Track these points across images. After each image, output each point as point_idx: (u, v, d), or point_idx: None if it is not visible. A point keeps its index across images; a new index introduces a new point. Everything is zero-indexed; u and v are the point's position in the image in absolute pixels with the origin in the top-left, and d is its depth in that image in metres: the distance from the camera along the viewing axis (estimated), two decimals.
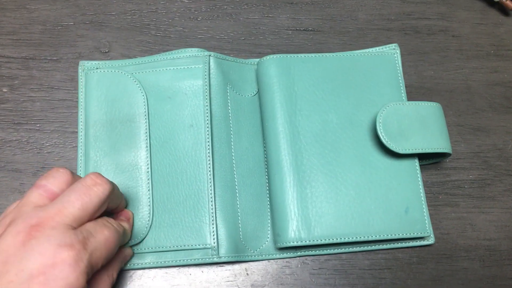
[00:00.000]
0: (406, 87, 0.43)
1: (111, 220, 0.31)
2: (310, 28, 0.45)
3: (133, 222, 0.36)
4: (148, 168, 0.37)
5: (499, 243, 0.39)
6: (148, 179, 0.37)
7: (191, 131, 0.38)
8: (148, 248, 0.35)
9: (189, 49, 0.40)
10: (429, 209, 0.39)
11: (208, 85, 0.38)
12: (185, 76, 0.39)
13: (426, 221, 0.37)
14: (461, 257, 0.38)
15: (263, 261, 0.37)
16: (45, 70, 0.41)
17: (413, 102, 0.38)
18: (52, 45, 0.42)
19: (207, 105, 0.38)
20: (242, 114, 0.40)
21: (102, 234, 0.28)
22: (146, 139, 0.37)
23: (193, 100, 0.38)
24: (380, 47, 0.42)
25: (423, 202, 0.37)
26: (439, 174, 0.41)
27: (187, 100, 0.38)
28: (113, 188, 0.30)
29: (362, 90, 0.39)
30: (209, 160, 0.37)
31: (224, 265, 0.37)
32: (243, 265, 0.37)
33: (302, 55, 0.40)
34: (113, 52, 0.42)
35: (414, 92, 0.43)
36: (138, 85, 0.38)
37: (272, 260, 0.37)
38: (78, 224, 0.27)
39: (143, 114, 0.38)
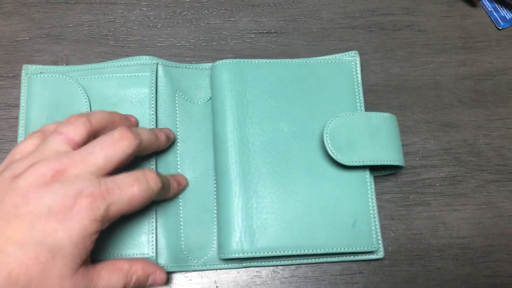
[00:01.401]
0: (372, 85, 0.42)
1: (150, 174, 0.30)
2: (273, 30, 0.44)
3: (184, 187, 0.37)
4: None
5: (473, 241, 0.38)
6: None
7: None
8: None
9: (137, 57, 0.39)
10: (400, 210, 0.39)
11: (154, 93, 0.38)
12: (131, 84, 0.38)
13: (374, 235, 0.36)
14: (435, 257, 0.38)
15: (233, 273, 0.36)
16: (2, 88, 0.40)
17: (365, 113, 0.37)
18: (8, 61, 0.41)
19: (152, 114, 0.37)
20: (192, 121, 0.39)
21: (130, 189, 0.28)
22: None
23: (139, 108, 0.38)
24: (340, 54, 0.41)
25: (371, 215, 0.36)
26: (409, 173, 0.40)
27: (132, 108, 0.38)
28: (141, 143, 0.30)
29: (317, 98, 0.38)
30: (152, 166, 0.36)
31: (192, 278, 0.36)
32: (212, 278, 0.36)
33: (256, 60, 0.38)
34: (71, 65, 0.41)
35: (381, 91, 0.42)
36: (82, 92, 0.38)
37: (241, 271, 0.37)
38: (102, 174, 0.28)
39: None
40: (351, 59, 0.40)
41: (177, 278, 0.36)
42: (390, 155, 0.36)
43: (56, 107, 0.37)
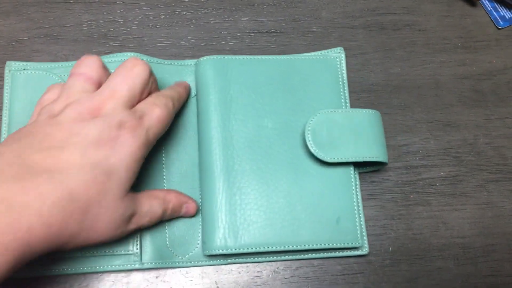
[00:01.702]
0: (372, 85, 0.42)
1: (159, 97, 0.32)
2: (273, 30, 0.44)
3: (190, 90, 0.38)
4: None
5: (473, 240, 0.38)
6: None
7: None
8: (65, 254, 0.34)
9: (122, 53, 0.39)
10: (400, 210, 0.39)
11: None
12: None
13: (358, 231, 0.36)
14: (435, 256, 0.38)
15: (233, 273, 0.36)
16: (2, 89, 0.40)
17: (347, 110, 0.37)
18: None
19: None
20: (177, 117, 0.39)
21: (154, 113, 0.31)
22: None
23: None
24: (325, 51, 0.41)
25: (356, 211, 0.36)
26: (410, 173, 0.40)
27: None
28: (151, 69, 0.32)
29: (301, 95, 0.38)
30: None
31: (193, 279, 0.36)
32: (213, 278, 0.36)
33: (241, 57, 0.38)
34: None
35: (381, 90, 0.42)
36: None
37: (242, 271, 0.36)
38: (131, 105, 0.30)
39: None
40: (336, 56, 0.40)
41: (178, 279, 0.36)
42: (373, 152, 0.36)
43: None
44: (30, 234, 0.24)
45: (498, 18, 0.45)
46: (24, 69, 0.39)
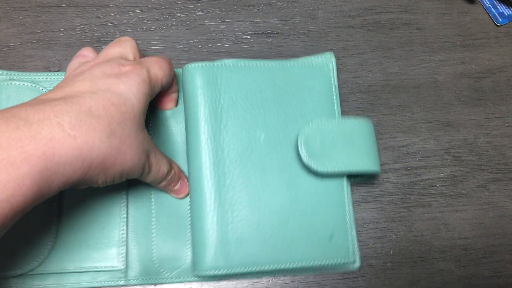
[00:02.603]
0: (371, 85, 0.42)
1: (154, 56, 0.34)
2: (269, 31, 0.43)
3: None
4: None
5: (475, 241, 0.38)
6: (55, 197, 0.35)
7: None
8: (49, 270, 0.34)
9: None
10: (401, 212, 0.38)
11: None
12: None
13: (350, 247, 0.35)
14: (436, 258, 0.37)
15: (233, 281, 0.36)
16: None
17: (340, 119, 0.36)
18: None
19: None
20: (164, 127, 0.38)
21: (151, 59, 0.33)
22: None
23: None
24: (316, 56, 0.39)
25: (348, 226, 0.35)
26: (410, 174, 0.39)
27: None
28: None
29: (293, 104, 0.37)
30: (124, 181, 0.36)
31: (192, 287, 0.35)
32: (212, 285, 0.36)
33: (230, 62, 0.36)
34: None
35: (380, 91, 0.41)
36: None
37: (242, 279, 0.36)
38: (126, 58, 0.32)
39: None
40: (327, 61, 0.39)
41: (177, 286, 0.35)
42: (366, 162, 0.35)
43: None
44: (53, 145, 0.24)
45: (497, 15, 0.45)
46: (10, 79, 0.38)
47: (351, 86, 0.42)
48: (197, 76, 0.35)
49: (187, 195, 0.36)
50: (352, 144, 0.35)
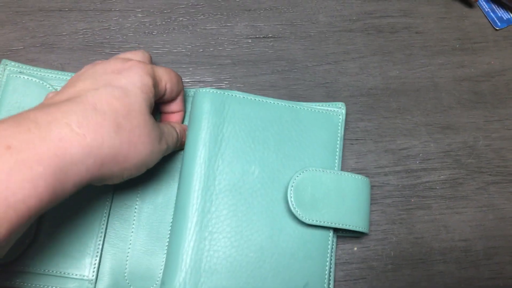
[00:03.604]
0: (371, 89, 0.42)
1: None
2: (270, 35, 0.43)
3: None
4: None
5: (475, 243, 0.38)
6: None
7: None
8: (18, 268, 0.34)
9: None
10: (401, 214, 0.39)
11: None
12: None
13: None
14: (437, 260, 0.38)
15: None
16: None
17: (336, 172, 0.35)
18: None
19: None
20: None
21: (158, 65, 0.34)
22: None
23: None
24: (327, 104, 0.39)
25: (326, 278, 0.34)
26: (410, 176, 0.40)
27: None
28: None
29: (295, 147, 0.36)
30: (109, 192, 0.36)
31: None
32: None
33: (241, 95, 0.36)
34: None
35: (380, 94, 0.42)
36: None
37: None
38: None
39: None
40: (338, 111, 0.38)
41: None
42: (355, 220, 0.35)
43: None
44: (64, 145, 0.24)
45: (496, 19, 0.45)
46: (20, 72, 0.38)
47: (351, 89, 0.42)
48: (205, 101, 0.36)
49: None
50: (344, 199, 0.35)
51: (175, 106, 0.36)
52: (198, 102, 0.36)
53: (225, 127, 0.35)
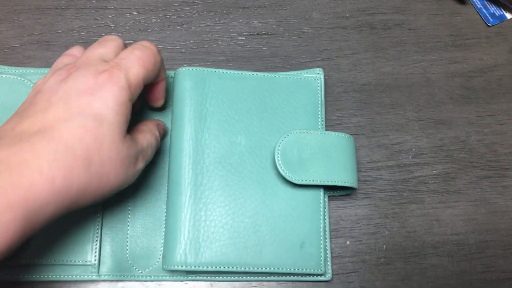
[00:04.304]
0: (364, 85, 0.42)
1: (137, 44, 0.32)
2: (264, 32, 0.44)
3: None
4: None
5: (467, 237, 0.39)
6: None
7: None
8: (20, 262, 0.34)
9: None
10: (394, 208, 0.39)
11: None
12: None
13: (322, 258, 0.35)
14: (429, 254, 0.38)
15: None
16: None
17: (320, 132, 0.36)
18: None
19: None
20: None
21: (133, 54, 0.31)
22: None
23: None
24: (305, 71, 0.40)
25: (321, 236, 0.35)
26: (403, 171, 0.40)
27: None
28: (121, 41, 0.33)
29: (278, 115, 0.37)
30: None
31: (188, 281, 0.36)
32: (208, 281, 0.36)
33: (220, 70, 0.37)
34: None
35: (373, 90, 0.42)
36: None
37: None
38: (108, 59, 0.31)
39: None
40: (316, 76, 0.39)
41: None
42: (343, 176, 0.35)
43: (10, 109, 0.36)
44: (34, 191, 0.24)
45: (488, 15, 0.46)
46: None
47: (344, 85, 0.42)
48: (186, 79, 0.37)
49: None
50: (330, 157, 0.36)
51: (157, 79, 0.35)
52: (179, 81, 0.37)
53: (208, 102, 0.36)
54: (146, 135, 0.33)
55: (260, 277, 0.36)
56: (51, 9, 0.43)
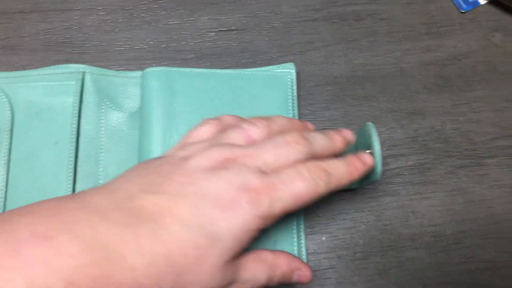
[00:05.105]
0: (337, 77, 0.42)
1: (315, 167, 0.27)
2: (233, 28, 0.43)
3: (371, 167, 0.30)
4: (3, 184, 0.35)
5: (444, 228, 0.38)
6: (1, 196, 0.35)
7: (56, 148, 0.36)
8: None
9: (65, 65, 0.39)
10: (370, 201, 0.38)
11: (78, 102, 0.37)
12: (56, 93, 0.38)
13: (296, 255, 0.34)
14: (406, 246, 0.37)
15: None
16: None
17: None
18: None
19: (74, 123, 0.37)
20: (118, 130, 0.38)
21: (293, 185, 0.26)
22: (6, 155, 0.36)
23: (62, 117, 0.37)
24: (277, 66, 0.39)
25: (295, 234, 0.35)
26: None
27: (55, 116, 0.37)
28: (313, 147, 0.28)
29: (249, 112, 0.36)
30: (69, 177, 0.36)
31: None
32: None
33: (188, 70, 0.37)
34: None
35: (346, 82, 0.42)
36: (5, 99, 0.37)
37: None
38: (269, 170, 0.27)
39: (6, 129, 0.36)
40: (287, 72, 0.39)
41: None
42: None
43: None
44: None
45: (461, 1, 0.45)
46: None
47: (317, 79, 0.42)
48: (153, 80, 0.36)
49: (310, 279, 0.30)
50: None
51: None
52: (146, 82, 0.37)
53: (176, 102, 0.36)
54: (257, 269, 0.27)
55: None
56: (16, 12, 0.42)
